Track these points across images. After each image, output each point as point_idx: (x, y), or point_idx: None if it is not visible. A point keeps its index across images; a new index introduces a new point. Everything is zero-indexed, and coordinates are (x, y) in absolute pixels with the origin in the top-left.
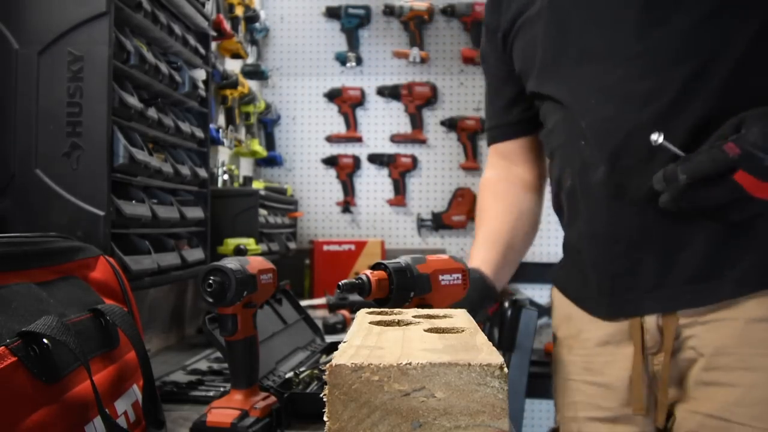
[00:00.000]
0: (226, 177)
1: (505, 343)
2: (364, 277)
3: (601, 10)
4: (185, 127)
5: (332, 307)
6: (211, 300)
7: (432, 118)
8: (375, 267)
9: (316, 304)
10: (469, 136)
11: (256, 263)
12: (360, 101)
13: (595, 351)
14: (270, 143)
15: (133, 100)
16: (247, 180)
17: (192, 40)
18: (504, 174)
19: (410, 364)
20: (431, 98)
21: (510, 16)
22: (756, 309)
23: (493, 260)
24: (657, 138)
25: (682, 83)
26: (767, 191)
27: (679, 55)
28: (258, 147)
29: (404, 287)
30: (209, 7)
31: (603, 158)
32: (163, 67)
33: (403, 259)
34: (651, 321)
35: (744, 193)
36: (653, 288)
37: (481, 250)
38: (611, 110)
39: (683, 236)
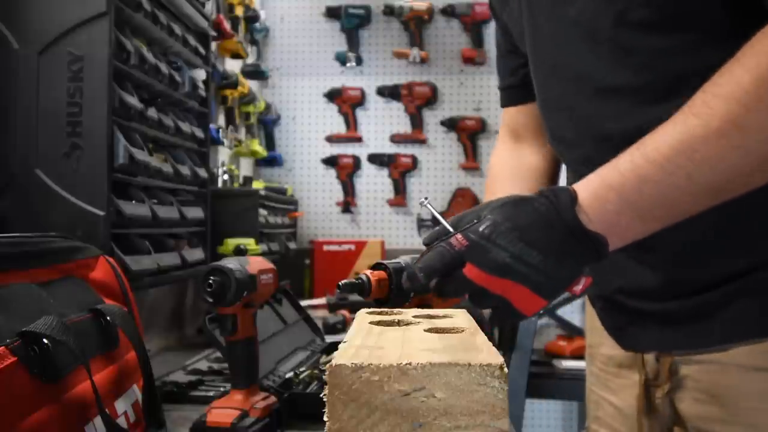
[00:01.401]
0: (226, 177)
1: (505, 343)
2: (364, 277)
3: (570, 25)
4: (185, 127)
5: (332, 307)
6: (211, 300)
7: (432, 118)
8: (375, 267)
9: (316, 304)
10: (469, 136)
11: (256, 263)
12: (360, 101)
13: (611, 370)
14: (270, 143)
15: (133, 100)
16: (247, 180)
17: (192, 40)
18: (508, 157)
19: (410, 364)
20: (431, 98)
21: None
22: (748, 356)
23: None
24: (423, 201)
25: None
26: (496, 284)
27: (653, 93)
28: (258, 147)
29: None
30: (209, 7)
31: None
32: (163, 67)
33: (403, 259)
34: (650, 354)
35: (474, 285)
36: (647, 325)
37: None
38: (586, 150)
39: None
